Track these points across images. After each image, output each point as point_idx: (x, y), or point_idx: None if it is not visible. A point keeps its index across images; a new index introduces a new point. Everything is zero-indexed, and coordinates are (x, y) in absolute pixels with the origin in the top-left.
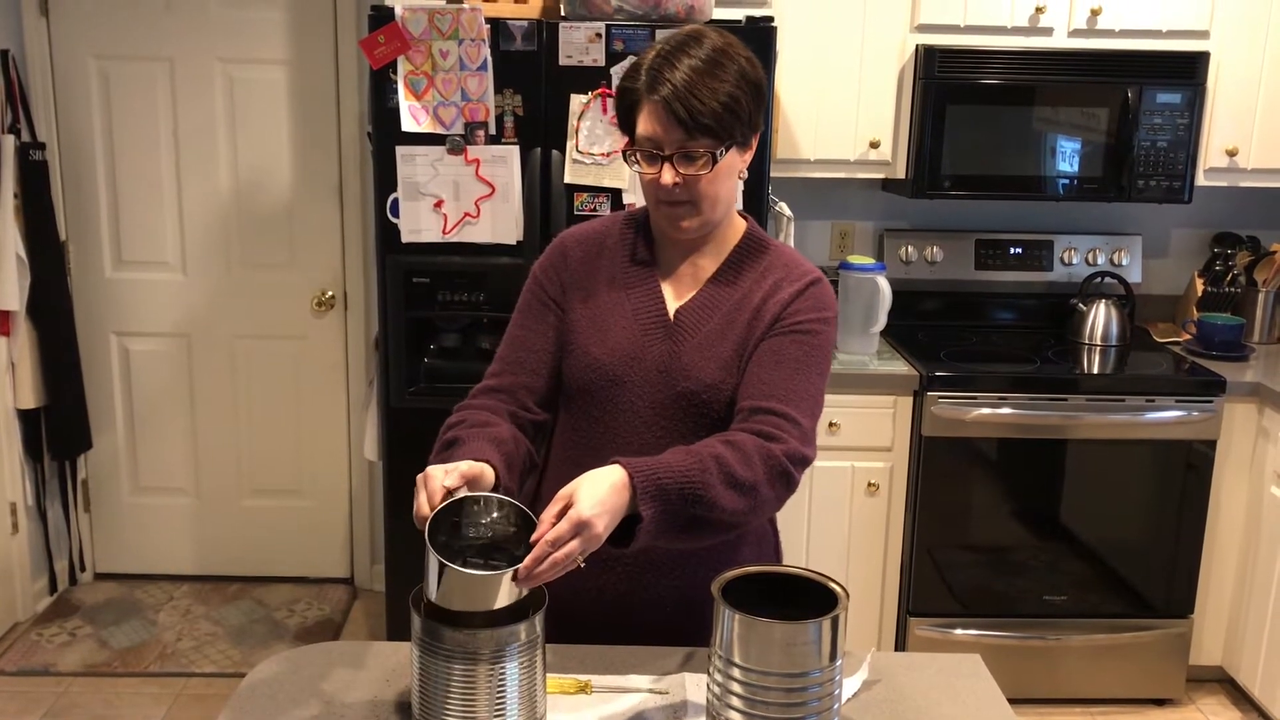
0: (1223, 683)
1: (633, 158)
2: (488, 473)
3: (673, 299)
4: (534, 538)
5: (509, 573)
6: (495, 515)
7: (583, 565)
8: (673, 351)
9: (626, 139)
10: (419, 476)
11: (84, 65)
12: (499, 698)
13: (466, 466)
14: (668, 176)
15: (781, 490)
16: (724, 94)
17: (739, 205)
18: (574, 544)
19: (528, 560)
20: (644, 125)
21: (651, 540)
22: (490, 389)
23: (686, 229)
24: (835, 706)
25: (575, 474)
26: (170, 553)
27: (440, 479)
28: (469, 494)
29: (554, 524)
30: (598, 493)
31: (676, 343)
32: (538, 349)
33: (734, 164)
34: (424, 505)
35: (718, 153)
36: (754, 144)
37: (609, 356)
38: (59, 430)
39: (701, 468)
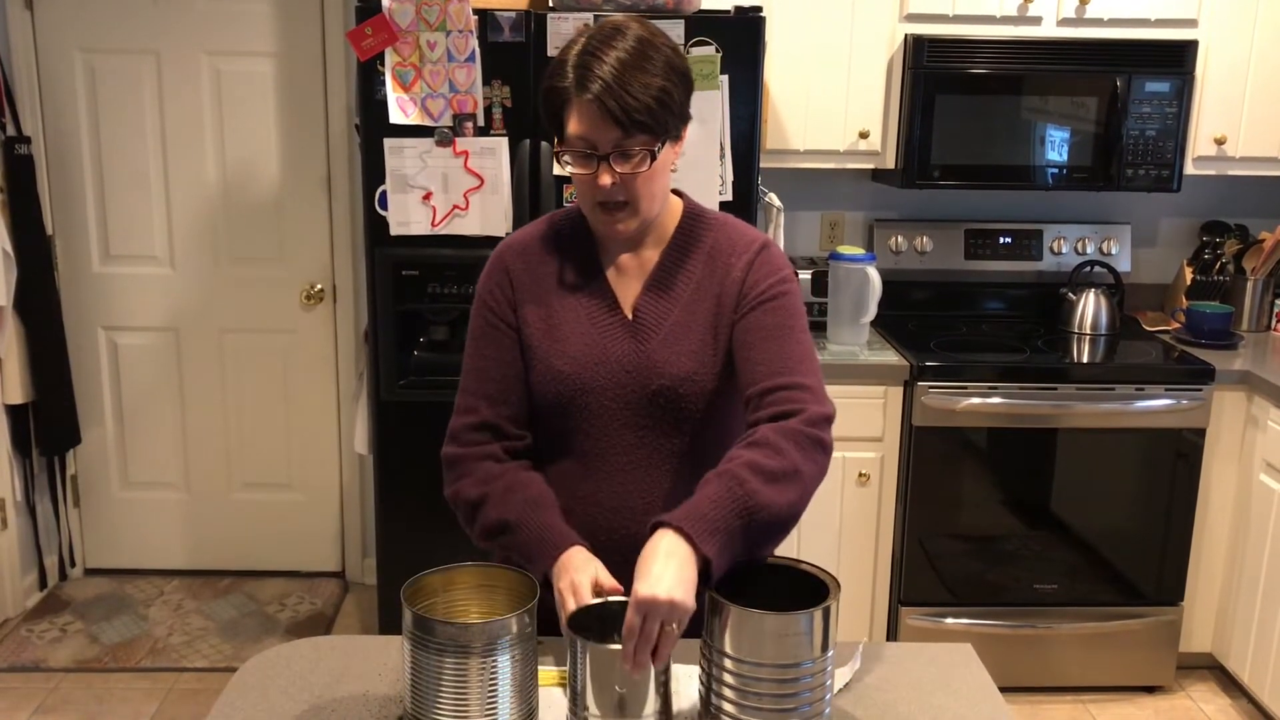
0: (1212, 669)
1: (565, 159)
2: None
3: (624, 295)
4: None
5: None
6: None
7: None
8: (639, 350)
9: (556, 140)
10: (565, 590)
11: (69, 58)
12: (491, 691)
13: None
14: (606, 178)
15: (820, 458)
16: (655, 87)
17: (729, 196)
18: (658, 625)
19: (625, 654)
20: (576, 125)
21: (729, 569)
22: (473, 426)
23: (624, 231)
24: (827, 697)
25: (562, 488)
26: (160, 547)
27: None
28: (610, 599)
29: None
30: (657, 568)
31: (641, 340)
32: (501, 377)
33: (669, 159)
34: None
35: (655, 149)
36: (684, 135)
37: (570, 365)
38: (48, 425)
39: (737, 481)
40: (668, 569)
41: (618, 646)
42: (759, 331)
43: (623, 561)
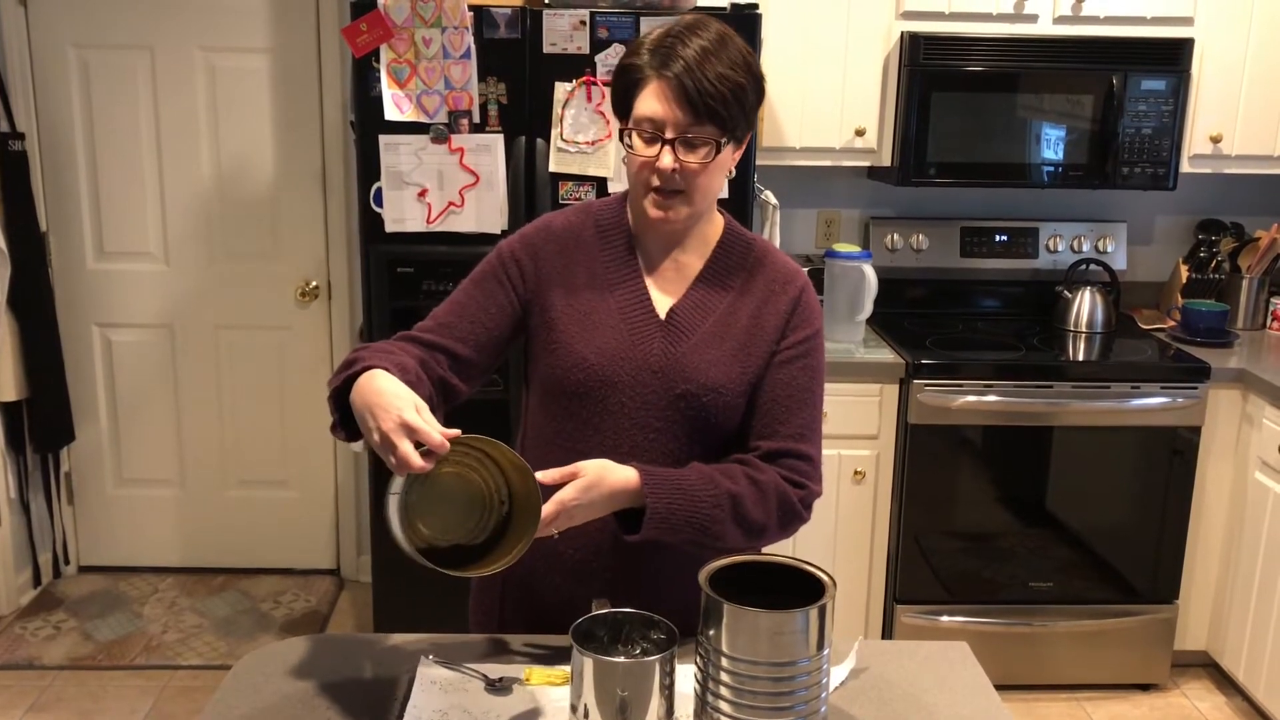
0: (1207, 667)
1: (628, 139)
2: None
3: (660, 296)
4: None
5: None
6: (643, 630)
7: (555, 536)
8: (669, 352)
9: (621, 121)
10: (393, 431)
11: (63, 54)
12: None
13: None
14: (667, 159)
15: (788, 529)
16: (732, 81)
17: (724, 194)
18: (551, 512)
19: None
20: (647, 105)
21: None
22: (410, 337)
23: (673, 219)
24: (823, 695)
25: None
26: (155, 545)
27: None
28: (613, 610)
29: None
30: (591, 491)
31: (673, 343)
32: (475, 321)
33: (728, 160)
34: (414, 458)
35: (721, 141)
36: (746, 142)
37: (598, 357)
38: (41, 422)
39: (715, 503)
40: (599, 510)
41: (621, 660)
42: (788, 388)
43: (617, 565)
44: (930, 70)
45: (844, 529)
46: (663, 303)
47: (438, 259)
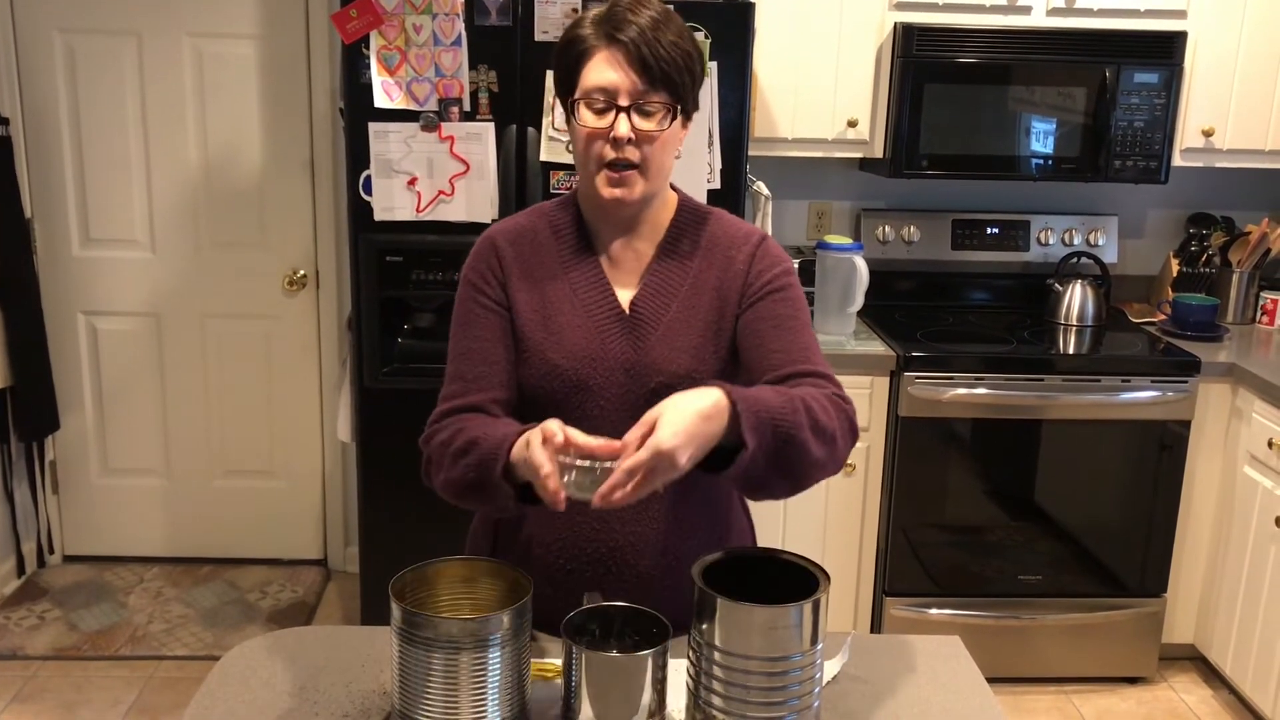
0: (1194, 660)
1: (576, 113)
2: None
3: (621, 289)
4: (618, 465)
5: (648, 655)
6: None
7: (661, 492)
8: (636, 347)
9: (567, 97)
10: (536, 448)
11: (49, 39)
12: (480, 687)
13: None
14: (623, 126)
15: (850, 442)
16: (682, 49)
17: (717, 184)
18: (655, 475)
19: (604, 486)
20: (597, 74)
21: (743, 474)
22: (457, 410)
23: (627, 198)
24: (816, 690)
25: None
26: (140, 534)
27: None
28: (602, 603)
29: (637, 448)
30: (682, 420)
31: (639, 337)
32: (496, 360)
33: (679, 135)
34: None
35: (676, 108)
36: (690, 123)
37: (567, 360)
38: (26, 411)
39: (793, 409)
40: (697, 431)
41: (614, 655)
42: (770, 320)
43: (605, 574)
44: (923, 62)
45: (834, 521)
46: (626, 296)
47: (427, 248)
